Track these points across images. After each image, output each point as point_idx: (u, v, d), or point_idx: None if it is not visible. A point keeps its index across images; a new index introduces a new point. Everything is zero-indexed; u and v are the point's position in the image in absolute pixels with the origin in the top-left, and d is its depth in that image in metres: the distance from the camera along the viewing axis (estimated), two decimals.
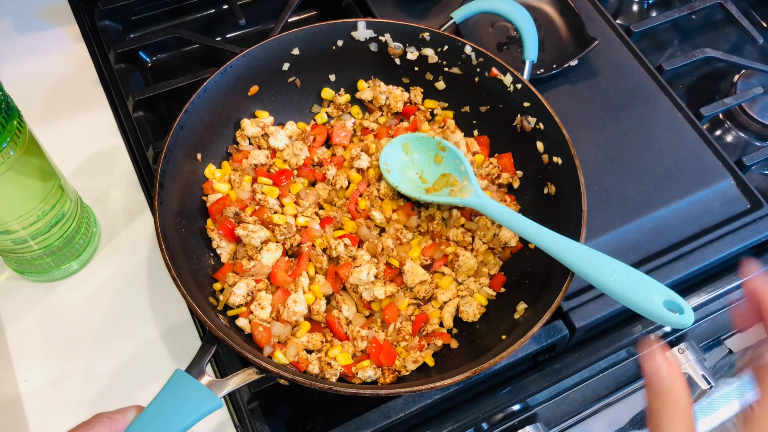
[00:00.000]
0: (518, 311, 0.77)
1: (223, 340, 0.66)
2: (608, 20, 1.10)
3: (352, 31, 0.91)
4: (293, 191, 0.87)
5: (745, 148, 1.08)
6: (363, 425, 0.74)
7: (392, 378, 0.75)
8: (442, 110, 0.94)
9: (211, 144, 0.86)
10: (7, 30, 1.06)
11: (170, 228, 0.75)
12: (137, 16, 1.07)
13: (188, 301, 0.67)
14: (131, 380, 0.79)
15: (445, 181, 0.86)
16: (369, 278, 0.79)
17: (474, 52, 0.89)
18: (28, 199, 0.72)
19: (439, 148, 0.88)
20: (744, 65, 1.10)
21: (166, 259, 0.70)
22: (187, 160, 0.82)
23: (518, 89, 0.87)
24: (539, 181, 0.85)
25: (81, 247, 0.84)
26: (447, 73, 0.92)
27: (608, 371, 0.85)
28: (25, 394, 0.77)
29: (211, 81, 0.83)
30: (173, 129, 0.78)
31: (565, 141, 0.81)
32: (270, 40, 0.87)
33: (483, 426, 0.80)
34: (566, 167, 0.81)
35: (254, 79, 0.89)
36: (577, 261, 0.69)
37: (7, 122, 0.63)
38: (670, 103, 1.00)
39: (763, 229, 0.89)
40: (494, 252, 0.84)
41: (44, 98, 0.99)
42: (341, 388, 0.66)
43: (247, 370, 0.66)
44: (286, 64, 0.90)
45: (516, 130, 0.88)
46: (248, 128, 0.88)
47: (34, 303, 0.83)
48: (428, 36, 0.90)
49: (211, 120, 0.85)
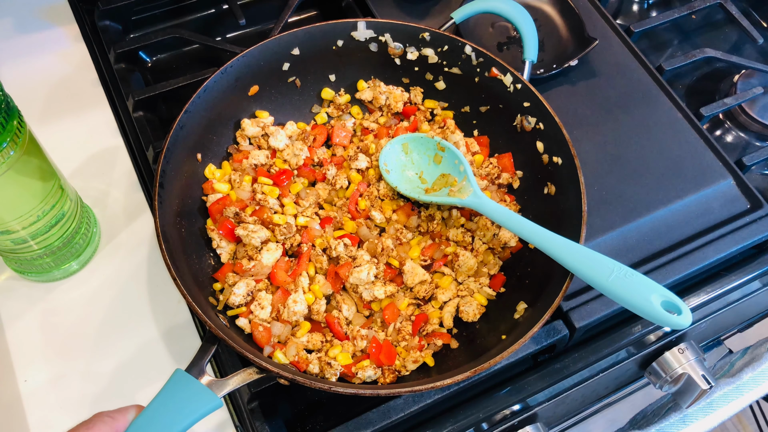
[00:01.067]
0: (518, 311, 0.77)
1: (224, 339, 0.66)
2: (608, 20, 1.10)
3: (352, 31, 0.91)
4: (293, 191, 0.87)
5: (745, 148, 1.08)
6: (363, 425, 0.74)
7: (392, 378, 0.75)
8: (442, 110, 0.94)
9: (211, 144, 0.86)
10: (7, 30, 1.06)
11: (170, 228, 0.75)
12: (137, 16, 1.07)
13: (188, 301, 0.67)
14: (131, 380, 0.79)
15: (445, 181, 0.86)
16: (369, 278, 0.79)
17: (474, 52, 0.89)
18: (28, 199, 0.72)
19: (439, 148, 0.88)
20: (744, 65, 1.10)
21: (166, 259, 0.69)
22: (187, 160, 0.82)
23: (518, 89, 0.87)
24: (539, 181, 0.85)
25: (81, 247, 0.84)
26: (447, 73, 0.92)
27: (608, 371, 0.85)
28: (25, 394, 0.77)
29: (211, 81, 0.83)
30: (173, 129, 0.78)
31: (565, 141, 0.81)
32: (270, 40, 0.87)
33: (483, 426, 0.80)
34: (566, 167, 0.81)
35: (254, 79, 0.89)
36: (575, 261, 0.69)
37: (7, 122, 0.63)
38: (670, 103, 1.00)
39: (763, 229, 0.89)
40: (494, 252, 0.84)
41: (44, 98, 0.99)
42: (341, 388, 0.66)
43: (247, 369, 0.66)
44: (286, 64, 0.90)
45: (516, 130, 0.88)
46: (248, 128, 0.88)
47: (34, 303, 0.83)
48: (428, 36, 0.90)
49: (211, 120, 0.85)
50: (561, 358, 0.83)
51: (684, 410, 0.93)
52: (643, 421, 0.98)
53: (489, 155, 0.91)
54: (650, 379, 0.91)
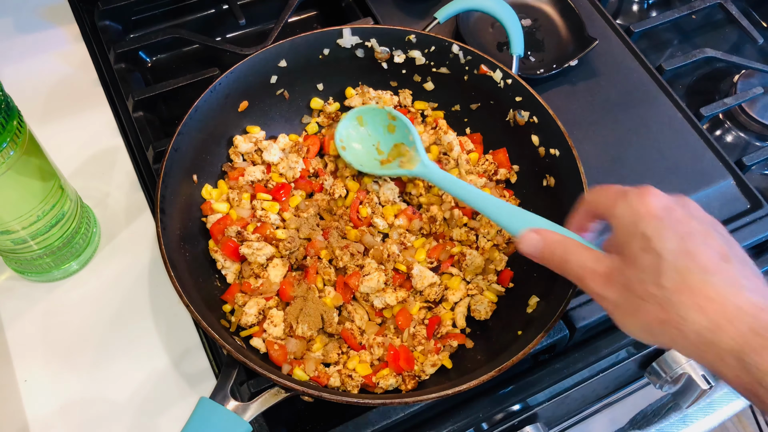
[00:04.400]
0: (531, 305, 0.76)
1: (244, 363, 0.65)
2: (608, 20, 1.10)
3: (338, 38, 0.90)
4: (292, 204, 0.86)
5: (745, 148, 1.08)
6: (363, 425, 0.74)
7: (413, 384, 0.75)
8: (433, 111, 0.94)
9: (205, 164, 0.85)
10: (7, 30, 1.06)
11: (175, 253, 0.74)
12: (137, 16, 1.07)
13: (204, 327, 0.66)
14: (131, 380, 0.79)
15: (398, 151, 0.86)
16: (379, 285, 0.78)
17: (462, 51, 0.89)
18: (28, 199, 0.72)
19: (390, 117, 0.87)
20: (744, 65, 1.10)
21: (177, 287, 0.68)
22: (184, 182, 0.81)
23: (509, 84, 0.87)
24: (537, 175, 0.85)
25: (81, 247, 0.84)
26: (435, 74, 0.92)
27: (608, 371, 0.85)
28: (25, 394, 0.77)
29: (201, 100, 0.81)
30: (168, 152, 0.77)
31: (561, 132, 0.81)
32: (256, 54, 0.86)
33: (483, 426, 0.80)
34: (564, 158, 0.81)
35: (243, 95, 0.88)
36: (518, 224, 0.70)
37: (7, 122, 0.63)
38: (670, 103, 1.00)
39: (763, 229, 0.89)
40: (499, 248, 0.84)
41: (44, 98, 0.99)
42: (369, 400, 0.66)
43: (271, 390, 0.65)
44: (273, 77, 0.89)
45: (509, 125, 0.88)
46: (241, 145, 0.88)
47: (34, 303, 0.83)
48: (414, 38, 0.90)
49: (204, 140, 0.84)
50: (561, 358, 0.83)
51: (684, 410, 0.93)
52: (643, 421, 0.98)
53: (483, 152, 0.91)
54: (650, 379, 0.91)
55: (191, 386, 0.79)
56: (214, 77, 0.98)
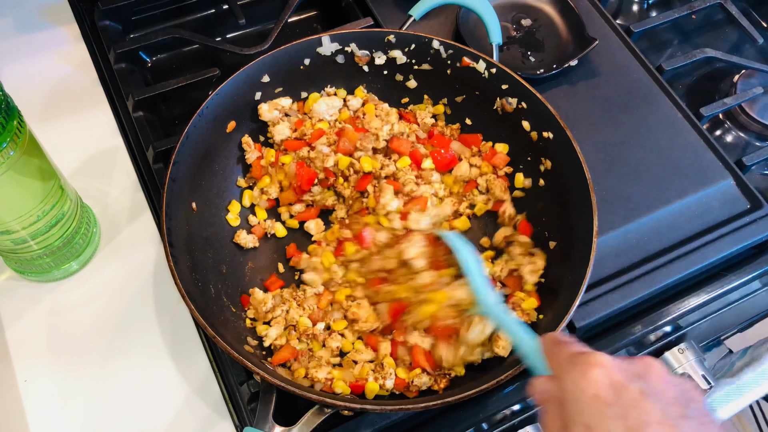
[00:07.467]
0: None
1: (282, 387, 0.65)
2: (608, 20, 1.10)
3: (318, 47, 0.90)
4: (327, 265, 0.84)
5: (745, 148, 1.08)
6: (363, 425, 0.74)
7: (445, 383, 0.75)
8: (434, 107, 0.94)
9: (201, 190, 0.84)
10: (7, 30, 1.06)
11: (190, 285, 0.73)
12: (137, 16, 1.07)
13: (235, 357, 0.65)
14: (131, 379, 0.79)
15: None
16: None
17: (442, 46, 0.89)
18: (28, 199, 0.72)
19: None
20: (744, 65, 1.09)
21: (203, 322, 0.67)
22: (184, 210, 0.80)
23: (493, 74, 0.87)
24: (533, 159, 0.86)
25: (81, 247, 0.84)
26: (417, 71, 0.92)
27: None
28: (25, 394, 0.77)
29: (190, 126, 0.80)
30: (167, 182, 0.76)
31: (552, 114, 0.82)
32: (238, 74, 0.85)
33: (483, 426, 0.80)
34: (558, 139, 0.81)
35: (230, 115, 0.87)
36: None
37: (7, 122, 0.63)
38: (670, 103, 1.00)
39: (763, 229, 0.89)
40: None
41: (44, 98, 0.99)
42: (411, 405, 0.66)
43: (312, 410, 0.66)
44: (258, 93, 0.89)
45: (497, 113, 0.89)
46: (265, 114, 0.89)
47: (34, 303, 0.83)
48: (394, 38, 0.90)
49: (198, 165, 0.83)
50: None
51: None
52: None
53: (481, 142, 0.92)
54: None
55: (191, 386, 0.79)
56: (213, 77, 0.99)
